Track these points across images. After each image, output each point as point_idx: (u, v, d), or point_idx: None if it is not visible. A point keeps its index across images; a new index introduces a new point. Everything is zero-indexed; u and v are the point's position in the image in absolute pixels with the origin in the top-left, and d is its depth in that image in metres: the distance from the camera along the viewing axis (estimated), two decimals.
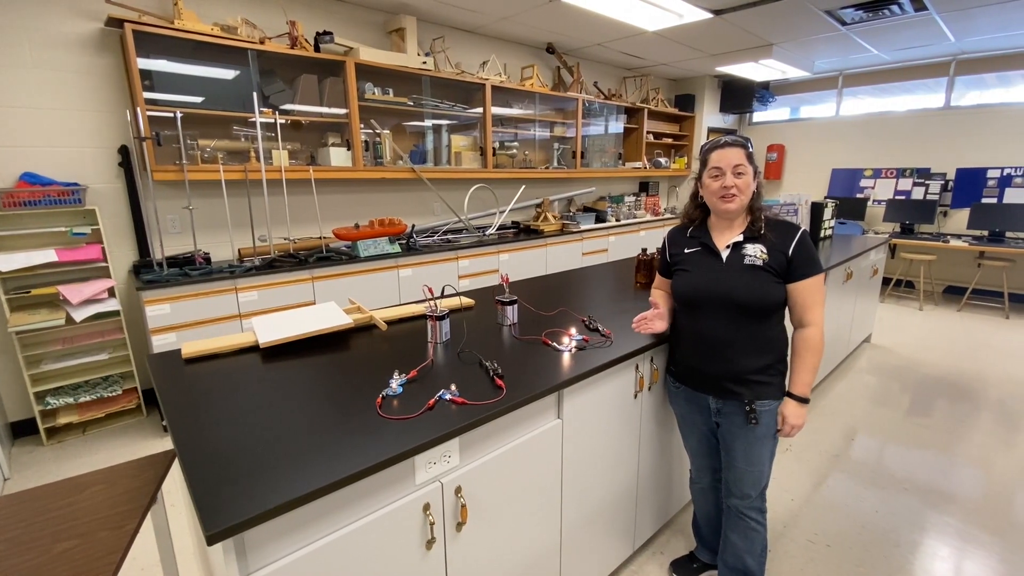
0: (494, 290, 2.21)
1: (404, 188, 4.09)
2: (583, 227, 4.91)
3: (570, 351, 1.52)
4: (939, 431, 2.78)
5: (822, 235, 3.88)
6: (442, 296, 1.87)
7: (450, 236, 4.12)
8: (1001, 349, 4.00)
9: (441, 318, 1.58)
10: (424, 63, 3.69)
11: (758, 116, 7.06)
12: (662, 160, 6.20)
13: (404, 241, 3.74)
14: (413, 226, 3.74)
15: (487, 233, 4.28)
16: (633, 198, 6.10)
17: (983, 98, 5.39)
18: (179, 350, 1.52)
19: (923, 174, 5.69)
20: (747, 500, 1.49)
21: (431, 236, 4.06)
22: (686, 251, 1.51)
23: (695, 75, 6.28)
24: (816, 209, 3.82)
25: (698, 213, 1.53)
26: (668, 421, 1.81)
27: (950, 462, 2.48)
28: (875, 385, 3.34)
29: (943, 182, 5.53)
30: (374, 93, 3.55)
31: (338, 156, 3.42)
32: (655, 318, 1.57)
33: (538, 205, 4.94)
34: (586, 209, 5.44)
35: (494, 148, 4.34)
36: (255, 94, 2.94)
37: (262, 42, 3.07)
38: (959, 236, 5.32)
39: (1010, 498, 2.20)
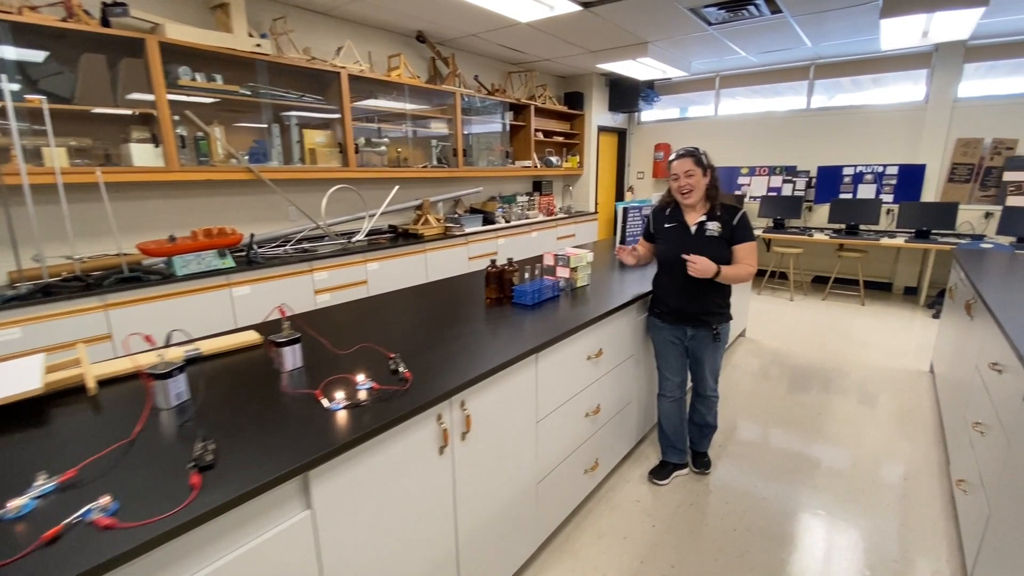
0: (275, 325, 1.81)
1: (245, 191, 3.53)
2: (468, 230, 4.60)
3: (345, 408, 1.18)
4: (810, 415, 2.88)
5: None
6: (167, 345, 1.45)
7: (308, 245, 3.63)
8: (858, 337, 4.25)
9: (163, 376, 1.16)
10: (258, 45, 3.17)
11: (646, 116, 7.17)
12: (553, 159, 6.06)
13: (244, 253, 3.21)
14: (252, 235, 3.22)
15: (353, 240, 3.84)
16: (526, 198, 5.91)
17: (839, 101, 5.79)
18: None
19: (790, 172, 6.03)
20: (711, 387, 2.24)
21: (283, 245, 3.55)
22: (665, 226, 2.14)
23: (582, 73, 6.20)
24: None
25: (671, 199, 2.15)
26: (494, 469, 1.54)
27: (822, 441, 2.64)
28: (750, 378, 3.37)
29: (807, 179, 5.89)
30: (193, 79, 2.98)
31: (143, 154, 2.82)
32: (626, 253, 2.25)
33: (418, 207, 4.57)
34: (473, 211, 5.15)
35: (357, 145, 3.89)
36: (3, 76, 2.29)
37: (20, 11, 2.42)
38: (822, 229, 5.69)
39: (875, 469, 2.43)
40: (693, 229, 2.06)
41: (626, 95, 6.49)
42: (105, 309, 2.54)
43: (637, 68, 5.31)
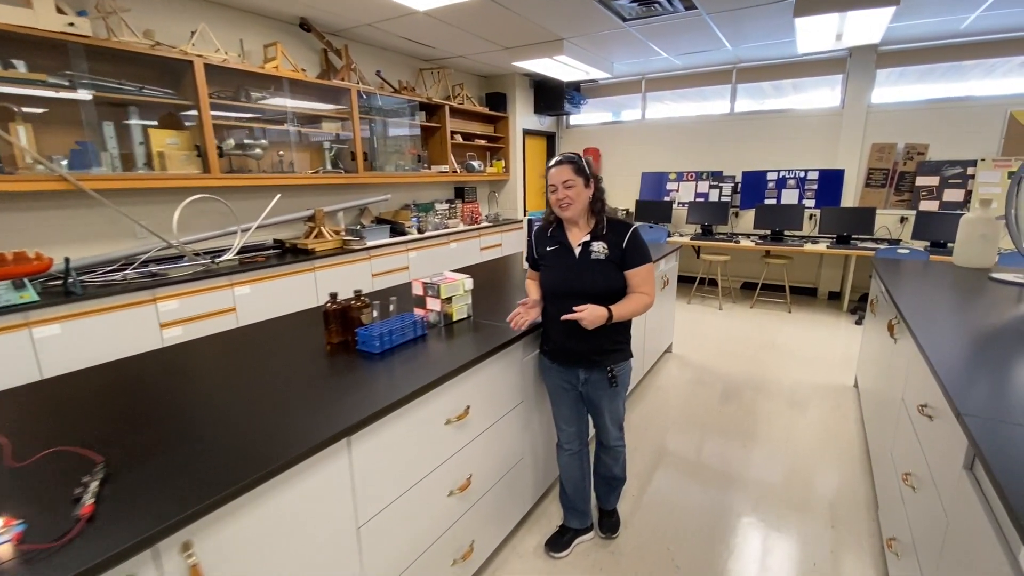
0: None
1: (66, 205, 2.87)
2: (371, 243, 4.09)
3: None
4: (734, 448, 2.57)
5: None
6: None
7: (159, 268, 3.01)
8: (785, 347, 4.09)
9: None
10: (71, 25, 2.55)
11: (576, 119, 6.91)
12: (475, 163, 5.64)
13: (61, 283, 2.57)
14: (67, 260, 2.58)
15: (218, 260, 3.25)
16: (446, 206, 5.45)
17: (762, 105, 5.73)
18: None
19: (717, 177, 5.91)
20: (614, 437, 1.88)
21: (123, 269, 2.91)
22: (547, 249, 1.78)
23: (503, 73, 5.83)
24: None
25: (555, 217, 1.76)
26: None
27: (743, 484, 2.31)
28: (674, 401, 3.06)
29: (733, 184, 5.79)
30: None
31: None
32: (531, 308, 1.77)
33: (310, 219, 4.01)
34: (379, 221, 4.64)
35: (222, 148, 3.30)
36: None
37: None
38: (748, 236, 5.59)
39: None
40: (577, 251, 1.70)
41: (551, 97, 6.19)
42: None
43: (557, 68, 5.00)
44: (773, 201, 5.58)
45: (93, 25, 2.74)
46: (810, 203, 5.39)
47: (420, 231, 4.72)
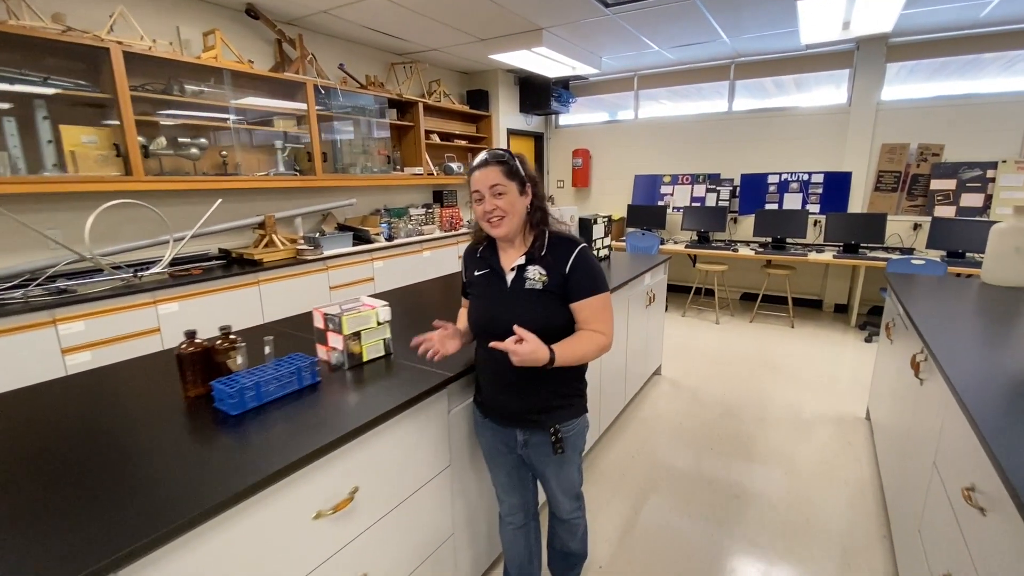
0: None
1: None
2: (329, 252, 3.71)
3: None
4: (725, 498, 2.14)
5: (597, 256, 3.15)
6: None
7: (70, 284, 2.64)
8: (787, 368, 3.68)
9: None
10: None
11: (565, 119, 6.53)
12: (455, 165, 5.26)
13: None
14: None
15: (144, 273, 2.87)
16: (422, 211, 5.08)
17: (762, 103, 5.34)
18: None
19: (714, 180, 5.52)
20: (567, 510, 1.48)
21: (25, 286, 2.54)
22: (476, 274, 1.40)
23: (484, 68, 5.46)
24: (584, 227, 3.09)
25: (484, 233, 1.35)
26: None
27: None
28: (657, 437, 2.66)
29: (732, 188, 5.39)
30: None
31: None
32: (448, 338, 1.38)
33: (260, 226, 3.63)
34: (342, 228, 4.26)
35: (146, 148, 2.93)
36: None
37: None
38: (748, 243, 5.19)
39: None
40: (510, 277, 1.31)
41: (538, 96, 5.81)
42: None
43: (539, 62, 4.61)
44: (775, 206, 5.18)
45: None
46: (814, 208, 4.99)
47: (390, 238, 4.34)
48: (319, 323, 1.47)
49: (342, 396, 1.28)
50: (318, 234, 3.97)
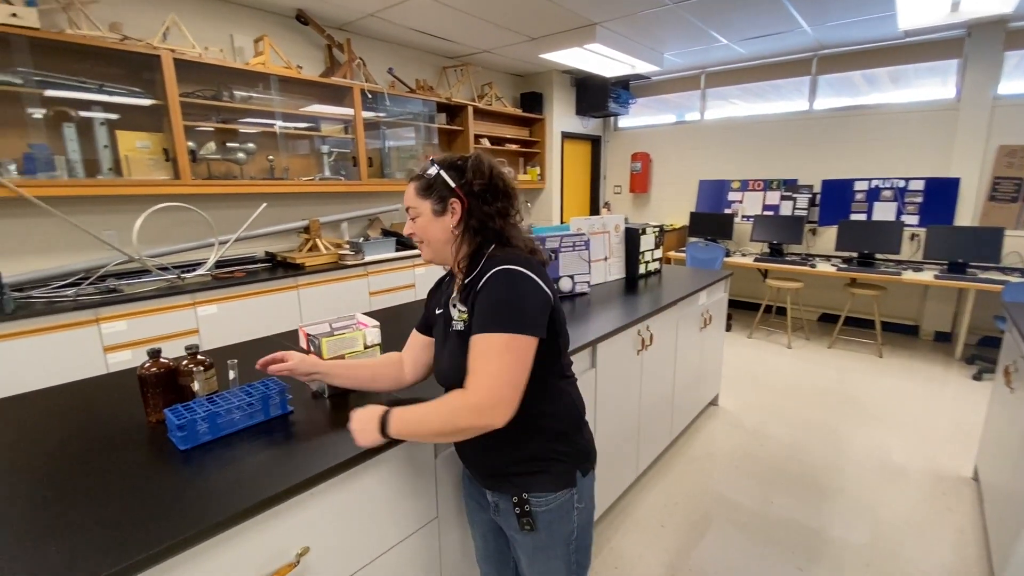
0: None
1: (20, 213, 2.64)
2: (371, 257, 3.67)
3: None
4: (800, 536, 1.77)
5: (644, 271, 2.87)
6: None
7: (119, 283, 2.73)
8: (871, 407, 3.16)
9: None
10: (15, 15, 2.30)
11: (624, 121, 6.19)
12: (504, 171, 5.09)
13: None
14: None
15: (189, 275, 2.93)
16: None
17: (852, 100, 4.73)
18: None
19: (790, 186, 4.97)
20: None
21: (78, 284, 2.65)
22: (436, 311, 1.15)
23: (539, 70, 5.27)
24: (630, 239, 2.80)
25: None
26: None
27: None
28: (718, 476, 2.32)
29: (811, 196, 4.83)
30: None
31: None
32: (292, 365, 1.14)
33: (305, 230, 3.65)
34: (386, 233, 4.22)
35: (194, 152, 3.00)
36: None
37: None
38: (828, 258, 4.61)
39: None
40: (446, 316, 1.09)
41: (595, 97, 5.53)
42: None
43: (595, 61, 4.35)
44: (862, 216, 4.56)
45: (52, 16, 2.52)
46: (912, 220, 4.34)
47: None
48: (303, 344, 1.33)
49: (310, 431, 1.12)
50: (362, 239, 3.94)
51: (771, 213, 5.02)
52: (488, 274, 0.95)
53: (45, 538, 0.78)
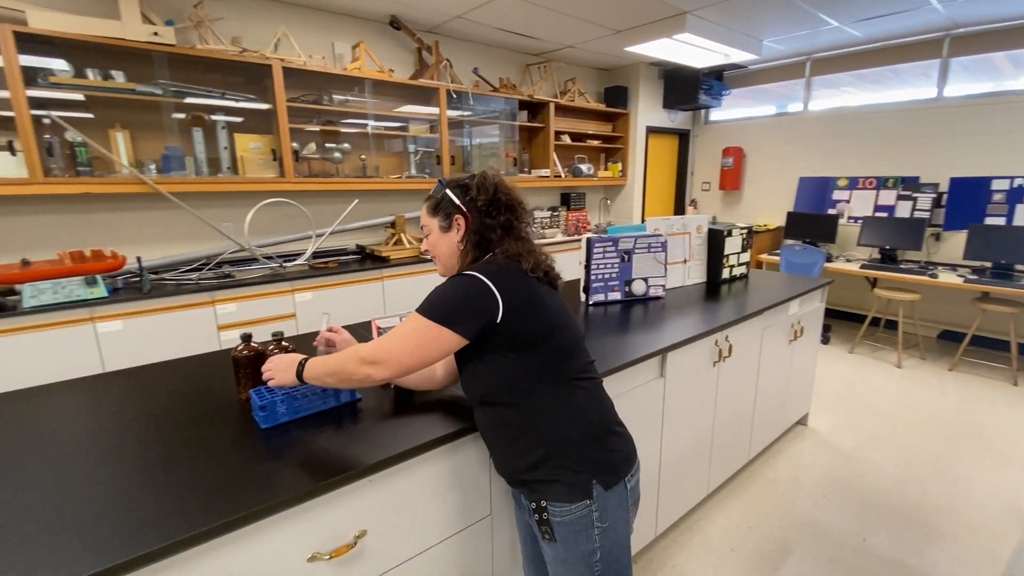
0: None
1: (160, 206, 3.04)
2: None
3: None
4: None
5: (727, 276, 2.70)
6: None
7: (231, 270, 3.07)
8: (1000, 441, 2.73)
9: None
10: (156, 34, 2.66)
11: (717, 114, 5.83)
12: (584, 167, 5.04)
13: (137, 279, 2.71)
14: (139, 259, 2.70)
15: (290, 264, 3.22)
16: (547, 213, 4.97)
17: (991, 86, 4.08)
18: None
19: (910, 185, 4.40)
20: None
21: (199, 270, 3.02)
22: None
23: (625, 63, 5.11)
24: (715, 240, 2.65)
25: None
26: None
27: None
28: (801, 506, 2.15)
29: (935, 195, 4.24)
30: (64, 75, 2.53)
31: (0, 164, 2.41)
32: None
33: (391, 224, 3.86)
34: None
35: (297, 152, 3.28)
36: None
37: None
38: (954, 267, 4.03)
39: None
40: None
41: (684, 89, 5.26)
42: None
43: (684, 51, 4.14)
44: (1000, 220, 3.93)
45: (185, 34, 2.87)
46: None
47: None
48: (374, 335, 1.41)
49: (375, 420, 1.19)
50: None
51: (884, 215, 4.49)
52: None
53: (153, 495, 0.91)
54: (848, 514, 2.17)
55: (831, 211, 4.84)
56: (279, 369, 1.10)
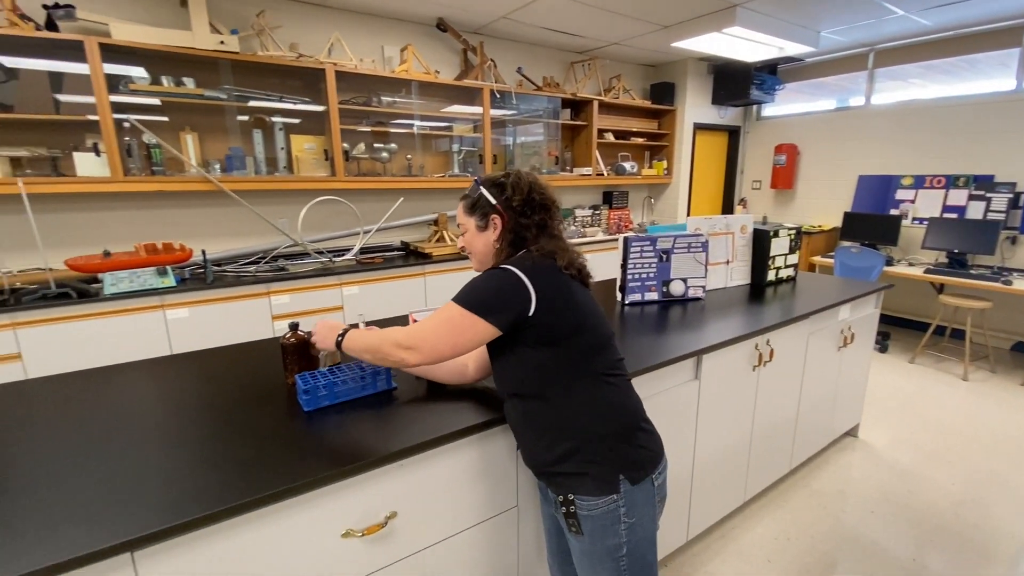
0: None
1: (218, 204, 3.26)
2: None
3: None
4: None
5: (773, 278, 2.62)
6: None
7: (286, 263, 3.25)
8: None
9: None
10: (222, 43, 2.85)
11: (769, 109, 5.61)
12: (627, 165, 4.97)
13: (202, 270, 2.93)
14: (204, 252, 2.91)
15: (339, 258, 3.38)
16: (589, 212, 4.96)
17: None
18: None
19: (983, 184, 4.08)
20: None
21: (256, 263, 3.22)
22: None
23: (672, 59, 5.00)
24: (760, 241, 2.58)
25: None
26: None
27: None
28: (848, 520, 2.06)
29: (1011, 195, 3.91)
30: (142, 82, 2.76)
31: (87, 164, 2.66)
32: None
33: (434, 222, 3.97)
34: None
35: (347, 152, 3.42)
36: None
37: None
38: None
39: None
40: None
41: (735, 84, 5.09)
42: (14, 328, 2.38)
43: (735, 45, 4.01)
44: None
45: (248, 41, 3.06)
46: None
47: None
48: None
49: (409, 407, 1.25)
50: None
51: (954, 216, 4.18)
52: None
53: (205, 467, 1.00)
54: (899, 532, 2.06)
55: (893, 211, 4.56)
56: (322, 333, 1.19)
